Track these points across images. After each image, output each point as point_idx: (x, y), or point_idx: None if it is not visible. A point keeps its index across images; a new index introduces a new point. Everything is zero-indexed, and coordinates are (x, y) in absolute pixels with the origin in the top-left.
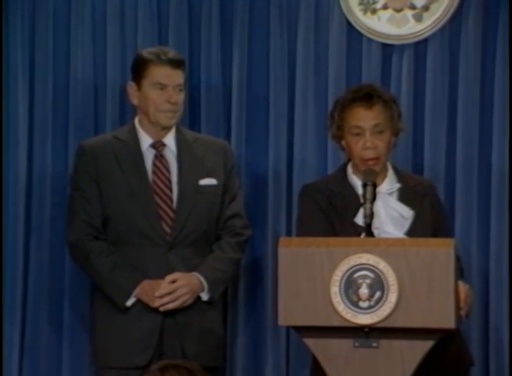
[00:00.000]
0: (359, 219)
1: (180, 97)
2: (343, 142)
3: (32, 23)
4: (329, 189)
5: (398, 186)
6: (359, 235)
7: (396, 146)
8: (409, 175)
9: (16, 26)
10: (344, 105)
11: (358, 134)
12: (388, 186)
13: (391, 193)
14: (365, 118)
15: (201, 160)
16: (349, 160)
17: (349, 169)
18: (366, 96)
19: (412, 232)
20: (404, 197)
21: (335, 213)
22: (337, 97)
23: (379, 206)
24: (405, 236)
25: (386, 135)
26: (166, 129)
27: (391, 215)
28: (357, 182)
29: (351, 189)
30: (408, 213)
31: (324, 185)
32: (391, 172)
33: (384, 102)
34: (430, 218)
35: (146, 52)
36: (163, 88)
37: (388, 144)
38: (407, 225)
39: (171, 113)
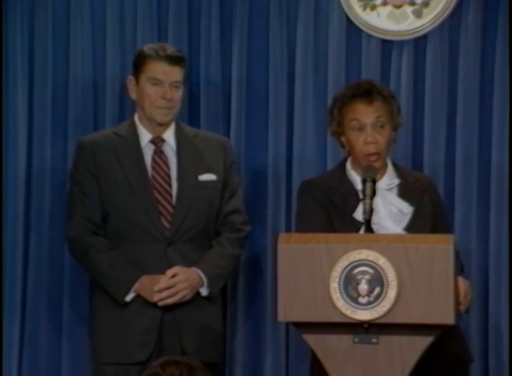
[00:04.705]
0: (358, 215)
1: (176, 94)
2: (343, 139)
3: (31, 19)
4: (327, 186)
5: (397, 181)
6: (358, 231)
7: (395, 141)
8: (409, 171)
9: (15, 23)
10: (344, 101)
11: (359, 129)
12: (388, 181)
13: (390, 189)
14: (366, 113)
15: (201, 155)
16: (348, 155)
17: (348, 165)
18: (366, 92)
19: (411, 227)
20: (403, 192)
21: (334, 209)
22: (335, 94)
23: (378, 201)
24: (403, 232)
25: (386, 129)
26: (163, 125)
27: (390, 210)
28: (356, 178)
29: (350, 185)
30: (407, 209)
31: (323, 181)
32: (390, 168)
33: (383, 97)
34: (430, 214)
35: (147, 48)
36: (158, 84)
37: (389, 139)
38: (406, 220)
39: (166, 109)
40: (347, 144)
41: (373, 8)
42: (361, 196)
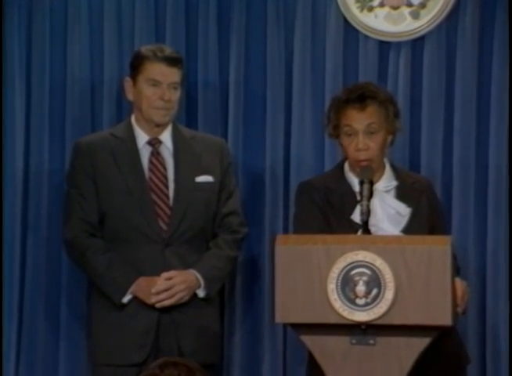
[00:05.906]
0: (356, 216)
1: (174, 95)
2: (340, 140)
3: (29, 20)
4: (325, 187)
5: (395, 183)
6: (356, 232)
7: (394, 144)
8: (407, 172)
9: (13, 23)
10: (339, 106)
11: (350, 135)
12: (385, 183)
13: (388, 191)
14: (357, 120)
15: (198, 157)
16: (346, 157)
17: (346, 166)
18: (359, 98)
19: (408, 229)
20: (401, 194)
21: (332, 210)
22: (333, 95)
23: (375, 203)
24: (401, 234)
25: (379, 135)
26: (160, 126)
27: (387, 212)
28: (354, 180)
29: (347, 186)
30: (405, 210)
31: (321, 182)
32: (388, 170)
33: (378, 103)
34: (427, 216)
35: (145, 49)
36: (156, 85)
37: (382, 144)
38: (404, 222)
39: (164, 110)
40: (342, 148)
41: (371, 9)
42: (358, 197)
